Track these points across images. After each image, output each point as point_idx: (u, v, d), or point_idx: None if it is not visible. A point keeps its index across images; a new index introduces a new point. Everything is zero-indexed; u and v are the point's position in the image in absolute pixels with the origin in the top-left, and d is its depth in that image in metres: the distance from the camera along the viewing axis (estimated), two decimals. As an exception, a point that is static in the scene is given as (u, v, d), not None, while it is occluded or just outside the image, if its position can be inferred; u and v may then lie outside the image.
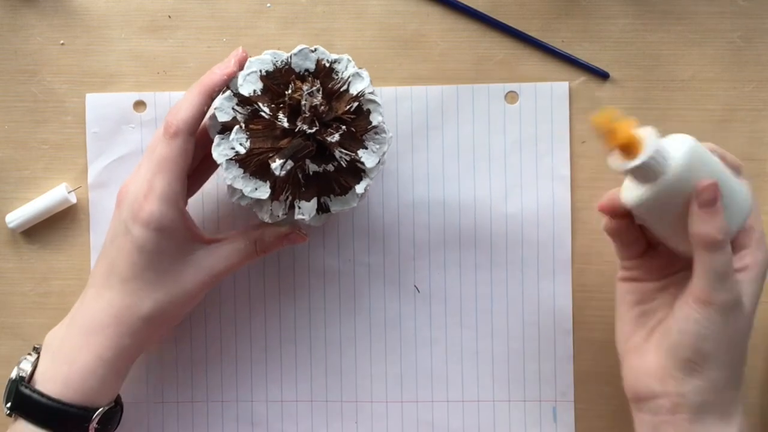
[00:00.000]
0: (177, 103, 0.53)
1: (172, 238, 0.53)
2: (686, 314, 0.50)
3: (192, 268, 0.54)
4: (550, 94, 0.62)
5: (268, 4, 0.62)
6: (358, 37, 0.62)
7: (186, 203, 0.55)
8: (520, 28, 0.62)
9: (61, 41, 0.62)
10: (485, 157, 0.62)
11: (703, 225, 0.48)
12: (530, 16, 0.62)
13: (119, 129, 0.62)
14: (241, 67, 0.53)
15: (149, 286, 0.53)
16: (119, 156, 0.62)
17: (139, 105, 0.62)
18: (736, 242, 0.51)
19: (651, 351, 0.52)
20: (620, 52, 0.62)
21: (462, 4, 0.62)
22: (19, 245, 0.63)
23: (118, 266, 0.53)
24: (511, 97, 0.62)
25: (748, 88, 0.62)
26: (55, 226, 0.63)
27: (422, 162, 0.62)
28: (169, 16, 0.62)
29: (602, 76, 0.62)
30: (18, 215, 0.62)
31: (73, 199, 0.62)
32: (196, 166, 0.58)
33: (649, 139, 0.48)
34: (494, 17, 0.62)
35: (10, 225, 0.62)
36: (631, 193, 0.50)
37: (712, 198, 0.48)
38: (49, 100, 0.63)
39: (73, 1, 0.62)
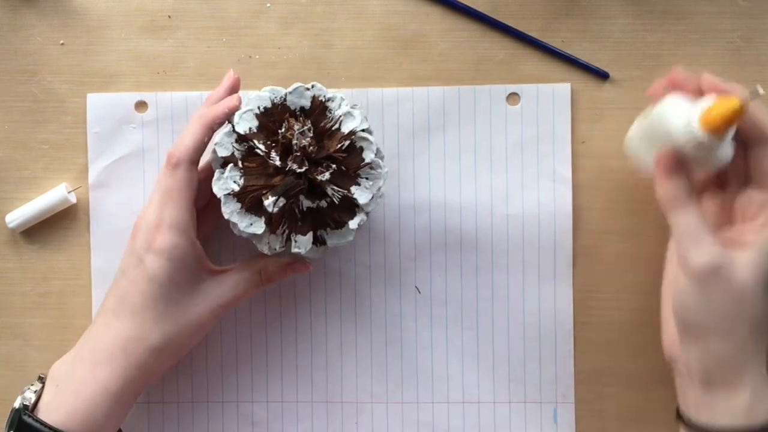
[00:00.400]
0: (179, 136, 0.55)
1: (184, 268, 0.54)
2: (672, 277, 0.52)
3: (201, 299, 0.55)
4: (552, 95, 0.62)
5: (268, 4, 0.62)
6: (358, 37, 0.62)
7: (198, 234, 0.56)
8: (520, 28, 0.62)
9: (61, 41, 0.63)
10: (486, 158, 0.62)
11: (662, 188, 0.52)
12: (530, 16, 0.62)
13: (120, 129, 0.62)
14: (235, 92, 0.56)
15: (159, 317, 0.54)
16: (120, 156, 0.62)
17: (141, 105, 0.62)
18: (743, 212, 0.53)
19: (671, 318, 0.54)
20: (620, 52, 0.62)
21: (462, 4, 0.62)
22: (19, 245, 0.63)
23: (129, 297, 0.54)
24: (513, 98, 0.62)
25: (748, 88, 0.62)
26: (55, 226, 0.63)
27: (423, 163, 0.62)
28: (169, 16, 0.62)
29: (602, 76, 0.62)
30: (18, 215, 0.62)
31: (73, 199, 0.62)
32: (210, 201, 0.59)
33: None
34: (494, 17, 0.62)
35: (10, 225, 0.62)
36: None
37: (669, 164, 0.52)
38: (49, 100, 0.63)
39: (73, 1, 0.63)
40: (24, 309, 0.63)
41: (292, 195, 0.52)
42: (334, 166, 0.53)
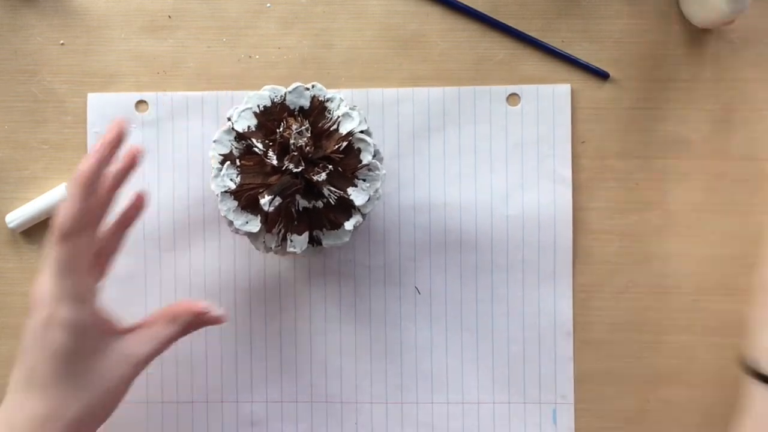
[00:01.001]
0: (63, 204, 0.51)
1: (88, 336, 0.52)
2: None
3: (112, 362, 0.53)
4: (552, 96, 0.62)
5: (268, 4, 0.62)
6: (358, 37, 0.62)
7: (98, 294, 0.54)
8: (520, 28, 0.62)
9: (61, 41, 0.63)
10: (486, 158, 0.62)
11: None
12: (530, 16, 0.62)
13: (120, 129, 0.62)
14: (121, 141, 0.53)
15: (72, 389, 0.51)
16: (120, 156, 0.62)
17: (141, 105, 0.62)
18: None
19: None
20: (620, 52, 0.62)
21: (462, 4, 0.62)
22: (19, 245, 0.63)
23: (38, 372, 0.51)
24: (513, 98, 0.62)
25: (748, 88, 0.62)
26: (55, 226, 0.63)
27: (423, 163, 0.62)
28: (169, 16, 0.62)
29: (602, 76, 0.62)
30: (18, 215, 0.62)
31: (73, 199, 0.62)
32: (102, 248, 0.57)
33: None
34: (494, 17, 0.62)
35: (10, 225, 0.62)
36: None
37: None
38: (49, 100, 0.63)
39: (73, 1, 0.63)
40: (24, 309, 0.62)
41: (288, 194, 0.52)
42: (330, 166, 0.53)
